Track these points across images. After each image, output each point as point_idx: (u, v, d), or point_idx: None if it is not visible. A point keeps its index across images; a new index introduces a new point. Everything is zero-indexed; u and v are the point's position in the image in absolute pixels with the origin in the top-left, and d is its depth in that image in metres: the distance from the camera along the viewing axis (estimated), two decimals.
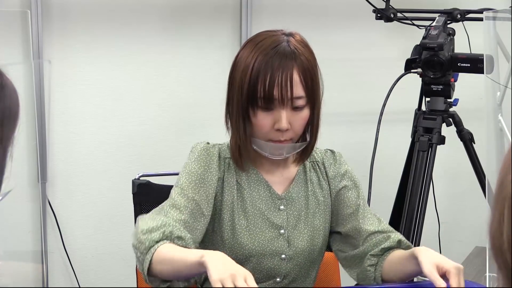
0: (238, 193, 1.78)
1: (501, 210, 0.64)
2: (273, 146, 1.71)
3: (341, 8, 3.25)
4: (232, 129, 1.76)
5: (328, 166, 1.86)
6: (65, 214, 3.06)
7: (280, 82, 1.65)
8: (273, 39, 1.70)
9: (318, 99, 1.72)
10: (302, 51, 1.69)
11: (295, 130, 1.70)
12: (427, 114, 2.65)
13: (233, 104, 1.72)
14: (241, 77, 1.69)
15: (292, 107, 1.67)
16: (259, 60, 1.66)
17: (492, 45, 2.39)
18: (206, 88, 3.18)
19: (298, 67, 1.66)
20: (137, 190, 2.05)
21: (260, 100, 1.66)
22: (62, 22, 2.97)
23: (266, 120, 1.68)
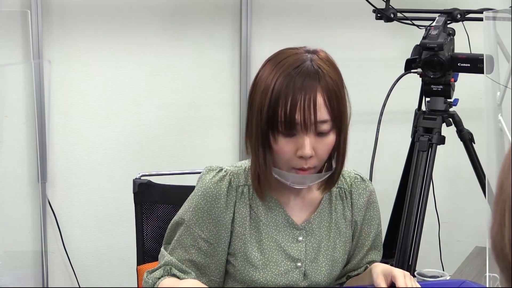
0: (253, 223, 1.64)
1: (502, 213, 0.63)
2: (296, 176, 1.56)
3: (341, 8, 3.25)
4: (251, 155, 1.59)
5: (355, 197, 1.72)
6: (65, 214, 3.06)
7: (303, 105, 1.49)
8: (296, 57, 1.54)
9: (345, 122, 1.56)
10: (327, 70, 1.54)
11: (319, 157, 1.55)
12: (427, 114, 2.65)
13: (252, 128, 1.56)
14: (261, 99, 1.53)
15: (316, 132, 1.52)
16: (280, 81, 1.50)
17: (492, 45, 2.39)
18: (206, 88, 3.18)
19: (322, 89, 1.51)
20: (138, 190, 2.05)
21: (281, 125, 1.50)
22: (62, 22, 2.97)
23: (288, 146, 1.53)
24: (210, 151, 3.22)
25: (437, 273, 1.90)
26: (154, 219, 2.04)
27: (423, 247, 2.59)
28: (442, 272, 1.92)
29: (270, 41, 3.21)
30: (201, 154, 3.20)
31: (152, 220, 2.04)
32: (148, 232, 2.04)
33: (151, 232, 2.04)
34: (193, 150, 3.19)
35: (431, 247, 3.16)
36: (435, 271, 1.92)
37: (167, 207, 2.05)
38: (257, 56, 3.21)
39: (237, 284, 1.65)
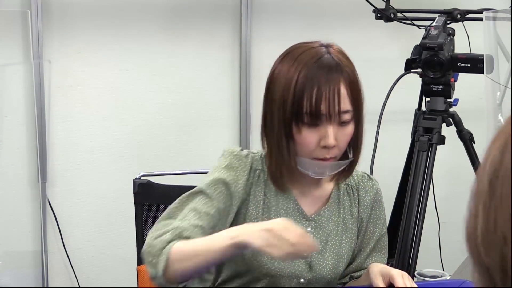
0: (265, 208, 1.68)
1: (477, 205, 0.64)
2: (318, 165, 1.61)
3: (341, 8, 3.25)
4: (271, 148, 1.64)
5: (362, 194, 1.76)
6: (65, 214, 3.06)
7: (328, 96, 1.55)
8: (314, 51, 1.61)
9: (362, 113, 1.64)
10: (345, 63, 1.61)
11: (340, 147, 1.60)
12: (427, 114, 2.65)
13: (272, 122, 1.61)
14: (283, 93, 1.57)
15: (339, 122, 1.58)
16: (304, 74, 1.56)
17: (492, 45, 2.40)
18: (206, 88, 3.18)
19: (345, 80, 1.58)
20: (138, 190, 2.05)
21: (306, 116, 1.56)
22: (62, 22, 2.97)
23: (311, 137, 1.58)
24: (210, 151, 3.21)
25: (437, 273, 1.90)
26: (154, 219, 2.04)
27: (423, 247, 2.59)
28: (442, 272, 1.92)
29: (270, 41, 3.21)
30: (201, 154, 3.20)
31: (152, 220, 2.04)
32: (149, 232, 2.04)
33: None
34: (193, 150, 3.19)
35: (431, 247, 3.16)
36: (435, 271, 1.92)
37: (167, 207, 2.05)
38: (257, 56, 3.21)
39: (242, 267, 1.66)
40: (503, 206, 0.61)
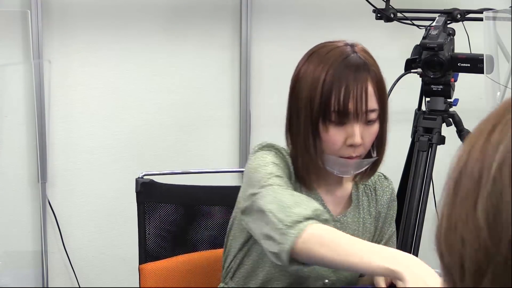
0: None
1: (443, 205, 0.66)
2: (343, 163, 1.62)
3: (341, 8, 3.25)
4: (298, 146, 1.64)
5: (380, 194, 1.78)
6: (65, 214, 3.06)
7: (356, 94, 1.57)
8: (340, 50, 1.63)
9: (387, 112, 1.66)
10: (371, 62, 1.64)
11: (365, 146, 1.62)
12: (427, 114, 2.65)
13: (299, 121, 1.62)
14: (310, 92, 1.59)
15: (365, 121, 1.60)
16: (331, 73, 1.58)
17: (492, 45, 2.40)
18: (206, 88, 3.18)
19: (372, 79, 1.60)
20: (141, 189, 2.05)
21: (334, 114, 1.58)
22: (62, 22, 2.97)
23: (338, 135, 1.59)
24: (210, 151, 3.22)
25: (437, 273, 1.90)
26: (157, 218, 2.05)
27: (423, 247, 2.59)
28: None
29: (270, 41, 3.21)
30: (201, 154, 3.20)
31: (155, 219, 2.05)
32: (151, 231, 2.04)
33: (153, 231, 2.04)
34: (193, 150, 3.19)
35: (431, 247, 3.16)
36: (435, 271, 1.92)
37: (169, 207, 2.06)
38: (257, 56, 3.21)
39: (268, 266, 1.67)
40: (462, 208, 0.62)
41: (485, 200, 0.60)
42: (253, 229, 1.57)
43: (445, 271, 0.64)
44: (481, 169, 0.61)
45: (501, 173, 0.60)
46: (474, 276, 0.60)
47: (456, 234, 0.62)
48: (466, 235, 0.61)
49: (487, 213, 0.60)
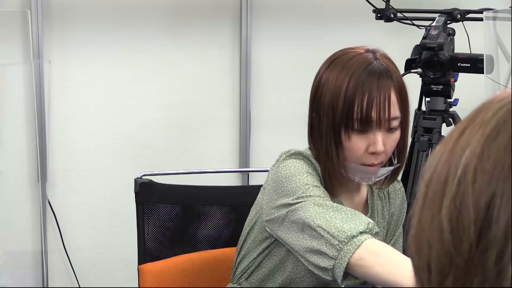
0: None
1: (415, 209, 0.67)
2: (365, 171, 1.62)
3: (341, 8, 3.25)
4: (320, 153, 1.63)
5: (392, 197, 1.79)
6: (65, 214, 3.06)
7: (379, 102, 1.56)
8: (362, 57, 1.61)
9: (409, 119, 1.65)
10: (394, 69, 1.62)
11: (387, 153, 1.62)
12: (427, 114, 2.65)
13: (320, 128, 1.62)
14: (332, 99, 1.58)
15: (388, 128, 1.59)
16: (354, 80, 1.57)
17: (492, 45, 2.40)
18: (206, 88, 3.18)
19: (394, 87, 1.59)
20: (140, 189, 2.05)
21: (357, 122, 1.57)
22: (62, 22, 2.97)
23: (360, 143, 1.59)
24: (210, 151, 3.22)
25: None
26: (156, 218, 2.05)
27: None
28: None
29: (270, 41, 3.21)
30: (200, 154, 3.20)
31: (154, 219, 2.05)
32: (150, 232, 2.04)
33: (152, 232, 2.04)
34: (193, 150, 3.19)
35: None
36: None
37: (168, 207, 2.05)
38: (257, 56, 3.21)
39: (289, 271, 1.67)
40: (429, 210, 0.63)
41: (449, 202, 0.61)
42: (290, 240, 1.55)
43: (415, 273, 0.65)
44: (448, 171, 0.62)
45: (465, 176, 0.60)
46: (438, 277, 0.61)
47: (423, 236, 0.63)
48: (431, 237, 0.62)
49: (451, 215, 0.60)
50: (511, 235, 0.57)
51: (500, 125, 0.61)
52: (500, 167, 0.59)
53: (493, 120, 0.62)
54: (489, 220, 0.58)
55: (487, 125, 0.62)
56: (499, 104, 0.64)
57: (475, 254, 0.58)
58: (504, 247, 0.57)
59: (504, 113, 0.62)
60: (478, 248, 0.58)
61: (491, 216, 0.58)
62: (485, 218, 0.58)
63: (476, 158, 0.60)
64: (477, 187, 0.59)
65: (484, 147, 0.60)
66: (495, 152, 0.60)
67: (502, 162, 0.59)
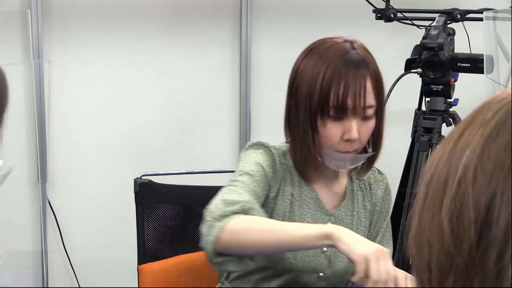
0: (290, 204, 1.71)
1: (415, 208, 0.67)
2: (340, 157, 1.65)
3: (341, 8, 3.25)
4: (296, 140, 1.68)
5: (374, 188, 1.81)
6: (65, 214, 3.06)
7: (354, 90, 1.60)
8: (339, 46, 1.66)
9: (384, 108, 1.69)
10: (370, 58, 1.67)
11: (362, 141, 1.65)
12: (427, 114, 2.65)
13: (298, 115, 1.65)
14: (310, 87, 1.62)
15: (363, 116, 1.63)
16: (331, 69, 1.61)
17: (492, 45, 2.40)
18: (206, 88, 3.18)
19: (371, 75, 1.63)
20: (139, 189, 2.04)
21: (333, 109, 1.61)
22: (62, 22, 2.97)
23: (336, 130, 1.62)
24: (210, 151, 3.22)
25: None
26: (155, 218, 2.05)
27: None
28: None
29: (270, 41, 3.21)
30: (200, 154, 3.20)
31: (153, 219, 2.05)
32: (149, 232, 2.04)
33: (152, 232, 2.04)
34: (193, 150, 3.19)
35: None
36: None
37: (168, 207, 2.06)
38: (257, 56, 3.21)
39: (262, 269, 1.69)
40: (429, 210, 0.63)
41: (449, 203, 0.61)
42: None
43: (415, 273, 0.65)
44: (448, 172, 0.62)
45: (465, 176, 0.61)
46: (439, 278, 0.61)
47: (424, 236, 0.63)
48: (431, 237, 0.62)
49: (451, 215, 0.61)
50: (511, 235, 0.57)
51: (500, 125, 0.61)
52: (500, 167, 0.59)
53: (493, 120, 0.62)
54: (489, 220, 0.58)
55: (487, 125, 0.62)
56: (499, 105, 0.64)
57: (476, 254, 0.58)
58: (504, 247, 0.57)
59: (504, 113, 0.62)
60: (479, 248, 0.58)
61: (491, 216, 0.58)
62: (485, 218, 0.58)
63: (476, 159, 0.60)
64: (477, 187, 0.59)
65: (484, 147, 0.61)
66: (495, 152, 0.60)
67: (502, 162, 0.59)
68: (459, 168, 0.61)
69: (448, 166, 0.63)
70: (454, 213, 0.60)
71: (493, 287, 0.57)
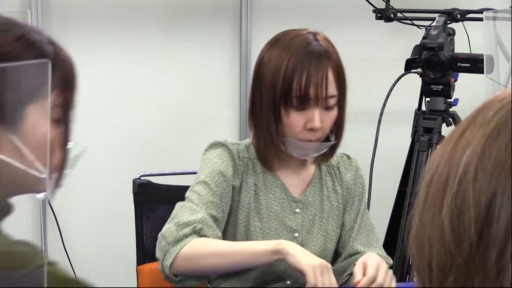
0: (255, 194, 1.76)
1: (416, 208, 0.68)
2: (303, 146, 1.70)
3: (341, 8, 3.25)
4: (259, 129, 1.73)
5: (343, 172, 1.85)
6: (65, 214, 3.06)
7: (316, 81, 1.64)
8: (303, 37, 1.69)
9: (346, 97, 1.73)
10: (332, 50, 1.71)
11: (324, 130, 1.70)
12: (427, 114, 2.65)
13: (261, 104, 1.70)
14: (273, 76, 1.67)
15: (325, 106, 1.67)
16: (294, 59, 1.65)
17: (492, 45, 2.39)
18: (206, 88, 3.18)
19: (332, 66, 1.67)
20: (138, 190, 2.05)
21: (295, 99, 1.65)
22: (62, 22, 2.97)
23: (299, 119, 1.67)
24: None
25: None
26: (154, 219, 2.05)
27: None
28: None
29: None
30: (200, 155, 3.19)
31: (152, 220, 2.05)
32: (148, 232, 2.04)
33: (151, 232, 2.04)
34: (192, 150, 3.19)
35: None
36: None
37: (167, 207, 2.05)
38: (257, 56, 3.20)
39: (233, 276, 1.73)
40: (430, 209, 0.64)
41: (450, 202, 0.61)
42: None
43: (416, 273, 0.66)
44: (449, 171, 0.63)
45: (466, 175, 0.61)
46: (439, 277, 0.61)
47: (424, 236, 0.63)
48: (432, 235, 0.62)
49: (452, 214, 0.61)
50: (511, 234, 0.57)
51: (501, 125, 0.62)
52: (501, 167, 0.59)
53: (494, 119, 0.62)
54: (489, 219, 0.58)
55: (488, 124, 0.62)
56: (500, 104, 0.64)
57: (476, 253, 0.59)
58: (504, 246, 0.57)
59: (505, 113, 0.62)
60: (479, 247, 0.58)
61: (492, 215, 0.58)
62: (486, 217, 0.59)
63: (477, 158, 0.61)
64: (478, 186, 0.60)
65: (485, 147, 0.61)
66: (496, 151, 0.60)
67: (503, 161, 0.59)
68: (460, 167, 0.61)
69: (449, 165, 0.63)
70: (455, 212, 0.60)
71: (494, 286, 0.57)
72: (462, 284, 0.59)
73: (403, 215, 2.56)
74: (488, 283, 0.58)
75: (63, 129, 1.18)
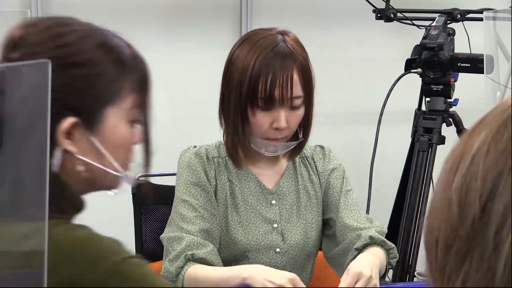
0: (230, 190, 1.80)
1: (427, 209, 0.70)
2: (269, 144, 1.75)
3: (341, 8, 3.25)
4: (228, 127, 1.77)
5: (317, 161, 1.87)
6: None
7: (281, 82, 1.67)
8: (271, 38, 1.71)
9: (312, 97, 1.76)
10: (299, 51, 1.72)
11: (291, 129, 1.73)
12: (427, 114, 2.65)
13: (229, 103, 1.73)
14: (240, 77, 1.69)
15: (291, 106, 1.70)
16: (260, 60, 1.67)
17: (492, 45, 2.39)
18: (206, 87, 3.18)
19: (297, 67, 1.69)
20: (137, 190, 2.04)
21: (261, 100, 1.68)
22: None
23: (265, 119, 1.70)
24: None
25: None
26: (153, 219, 2.04)
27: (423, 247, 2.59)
28: None
29: None
30: None
31: (151, 221, 2.04)
32: (147, 233, 2.04)
33: (150, 233, 2.04)
34: None
35: None
36: None
37: (166, 208, 2.05)
38: None
39: (221, 249, 1.78)
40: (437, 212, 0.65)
41: (460, 177, 0.63)
42: None
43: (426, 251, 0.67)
44: (464, 150, 0.65)
45: (478, 152, 0.63)
46: (443, 249, 0.63)
47: (435, 213, 0.65)
48: (441, 211, 0.64)
49: (460, 189, 0.63)
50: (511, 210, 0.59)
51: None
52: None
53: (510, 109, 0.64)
54: (493, 195, 0.60)
55: (505, 111, 0.64)
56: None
57: (477, 227, 0.61)
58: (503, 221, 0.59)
59: None
60: (481, 220, 0.61)
61: (496, 190, 0.60)
62: (490, 192, 0.61)
63: (491, 137, 0.63)
64: (488, 161, 0.62)
65: (500, 128, 0.63)
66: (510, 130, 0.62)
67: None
68: (474, 146, 0.64)
69: (464, 145, 0.65)
70: (464, 187, 0.63)
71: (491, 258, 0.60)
72: (463, 255, 0.61)
73: (403, 215, 2.56)
74: (485, 256, 0.60)
75: (144, 128, 1.29)
